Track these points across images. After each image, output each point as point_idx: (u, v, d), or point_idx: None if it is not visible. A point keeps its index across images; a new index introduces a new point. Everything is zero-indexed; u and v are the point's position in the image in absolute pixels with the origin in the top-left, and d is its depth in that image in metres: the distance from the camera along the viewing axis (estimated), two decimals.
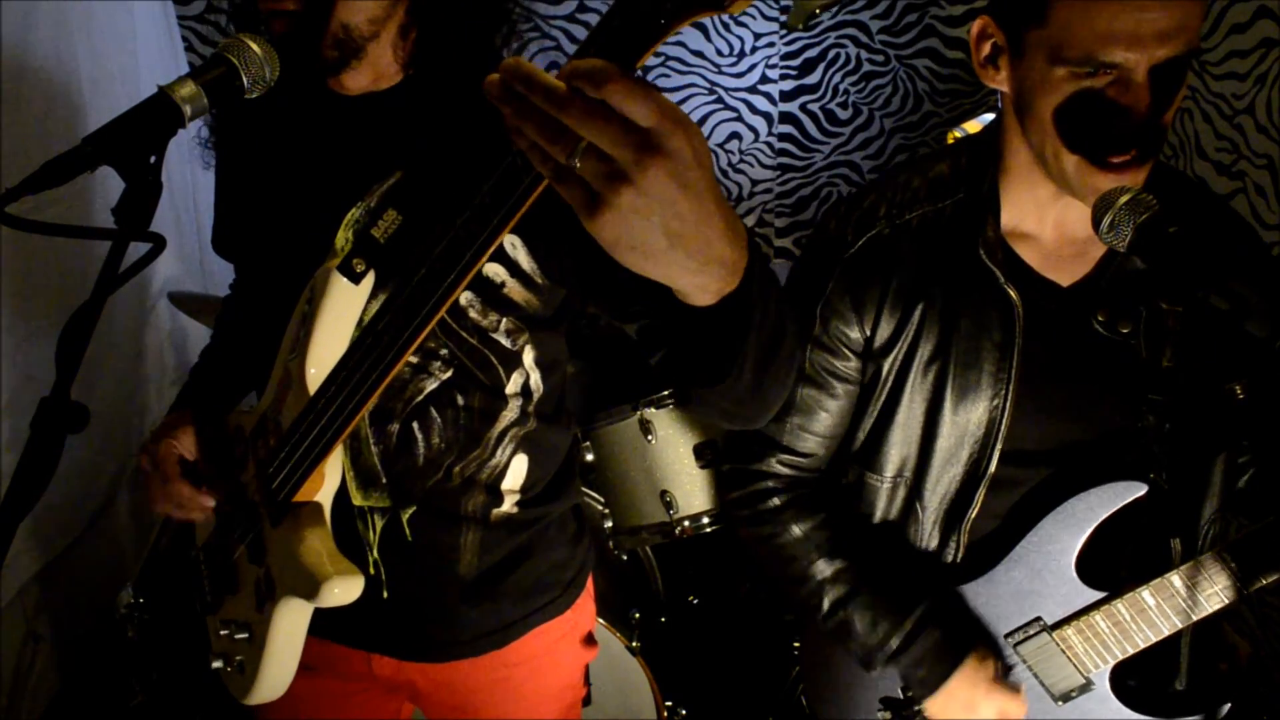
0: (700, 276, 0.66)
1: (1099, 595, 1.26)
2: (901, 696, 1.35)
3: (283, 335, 1.05)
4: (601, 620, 1.99)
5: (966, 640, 1.27)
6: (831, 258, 1.24)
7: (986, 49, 1.10)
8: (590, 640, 1.38)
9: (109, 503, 2.36)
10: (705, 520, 2.24)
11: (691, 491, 2.24)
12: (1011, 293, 1.19)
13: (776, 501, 1.33)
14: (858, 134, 3.54)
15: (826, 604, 1.30)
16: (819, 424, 1.30)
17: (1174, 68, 1.01)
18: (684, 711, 2.19)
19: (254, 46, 0.90)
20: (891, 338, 1.23)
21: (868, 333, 1.24)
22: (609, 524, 2.27)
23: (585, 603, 1.35)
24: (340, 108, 1.07)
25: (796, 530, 1.32)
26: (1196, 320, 1.16)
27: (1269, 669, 2.26)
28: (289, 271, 1.05)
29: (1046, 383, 1.22)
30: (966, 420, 1.23)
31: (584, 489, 2.27)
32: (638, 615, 2.13)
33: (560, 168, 0.59)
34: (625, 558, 2.37)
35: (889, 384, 1.25)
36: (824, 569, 1.31)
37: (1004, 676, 1.28)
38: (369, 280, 0.92)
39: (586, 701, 1.41)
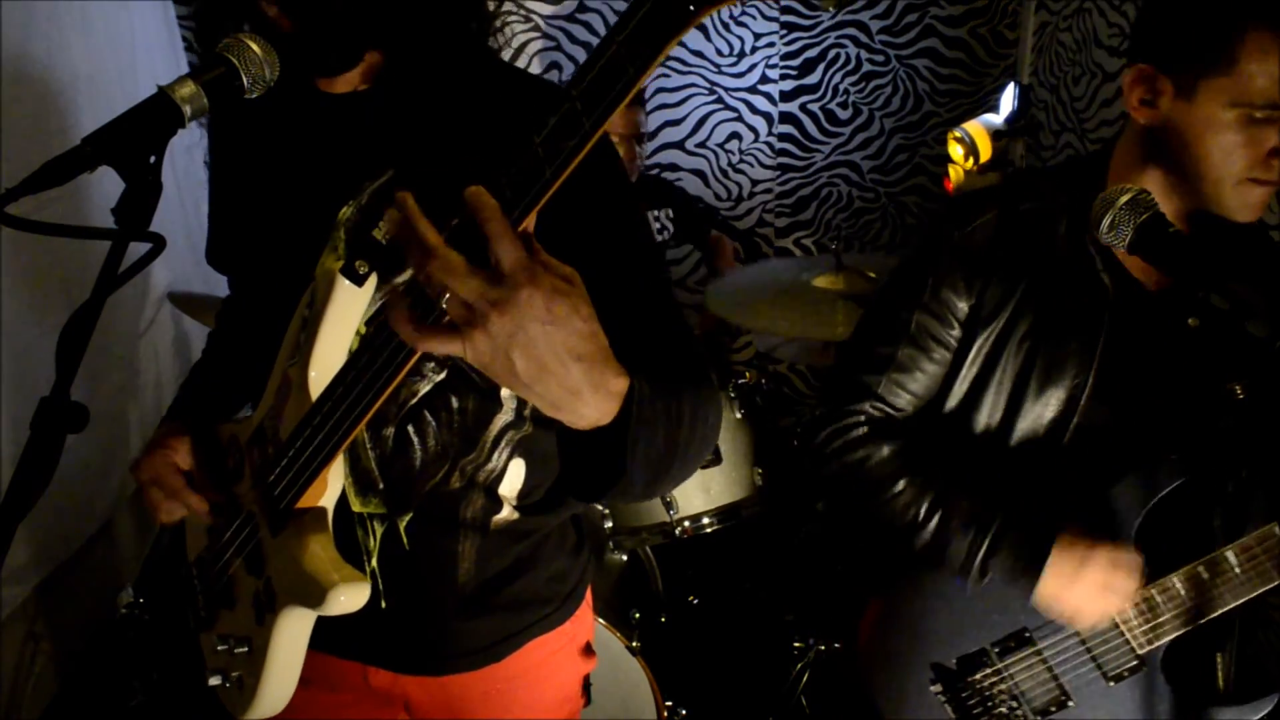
0: (565, 414, 0.74)
1: (1157, 571, 1.29)
2: (954, 667, 1.39)
3: (279, 342, 1.03)
4: (601, 620, 1.99)
5: (1052, 526, 1.33)
6: (948, 232, 1.37)
7: (1144, 92, 1.24)
8: (589, 651, 1.36)
9: (113, 508, 2.35)
10: (705, 520, 2.24)
11: (691, 491, 2.25)
12: (1105, 279, 1.30)
13: (865, 430, 1.43)
14: (858, 134, 3.54)
15: (924, 509, 1.37)
16: (915, 383, 1.41)
17: None
18: (684, 711, 2.19)
19: (254, 46, 0.90)
20: (994, 311, 1.34)
21: (973, 302, 1.35)
22: (609, 524, 2.27)
23: (584, 614, 1.33)
24: (326, 107, 1.06)
25: (885, 449, 1.41)
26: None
27: None
28: (284, 276, 1.04)
29: (1127, 369, 1.32)
30: (1050, 395, 1.33)
31: None
32: (638, 615, 2.13)
33: (430, 305, 0.69)
34: (625, 558, 2.37)
35: (984, 354, 1.36)
36: (916, 479, 1.39)
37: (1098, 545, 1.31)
38: (371, 282, 0.91)
39: (586, 701, 1.40)
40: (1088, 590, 1.27)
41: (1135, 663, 1.30)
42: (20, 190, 0.80)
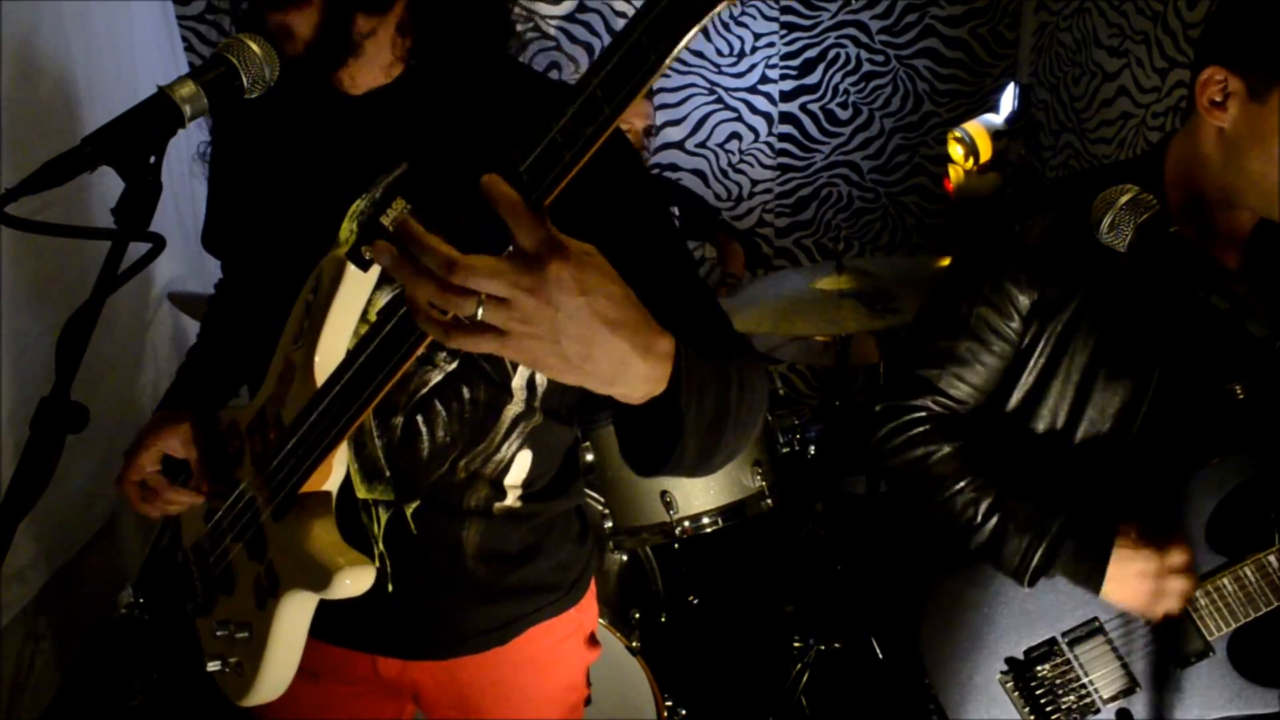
0: (618, 387, 0.73)
1: (1225, 560, 1.32)
2: (1023, 658, 1.42)
3: (280, 327, 1.04)
4: (601, 620, 1.99)
5: (1109, 532, 1.36)
6: (1008, 228, 1.38)
7: (1216, 94, 1.23)
8: (593, 641, 1.37)
9: (113, 508, 2.35)
10: (705, 520, 2.24)
11: (691, 491, 2.24)
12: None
13: (927, 428, 1.44)
14: (858, 134, 3.54)
15: (982, 511, 1.39)
16: (974, 376, 1.42)
17: None
18: (684, 711, 2.19)
19: (254, 46, 0.90)
20: (1058, 304, 1.35)
21: (1036, 297, 1.35)
22: (609, 524, 2.27)
23: (589, 603, 1.35)
24: (342, 106, 1.07)
25: (947, 447, 1.42)
26: None
27: None
28: (288, 264, 1.05)
29: (1191, 368, 1.32)
30: (1115, 389, 1.34)
31: (584, 489, 2.27)
32: (638, 615, 2.13)
33: (461, 321, 0.65)
34: (625, 558, 2.37)
35: (1050, 346, 1.36)
36: (976, 480, 1.40)
37: (1153, 532, 1.35)
38: (376, 268, 0.91)
39: (587, 701, 1.41)
40: (1145, 597, 1.32)
41: (1203, 648, 1.33)
42: (20, 190, 0.80)
